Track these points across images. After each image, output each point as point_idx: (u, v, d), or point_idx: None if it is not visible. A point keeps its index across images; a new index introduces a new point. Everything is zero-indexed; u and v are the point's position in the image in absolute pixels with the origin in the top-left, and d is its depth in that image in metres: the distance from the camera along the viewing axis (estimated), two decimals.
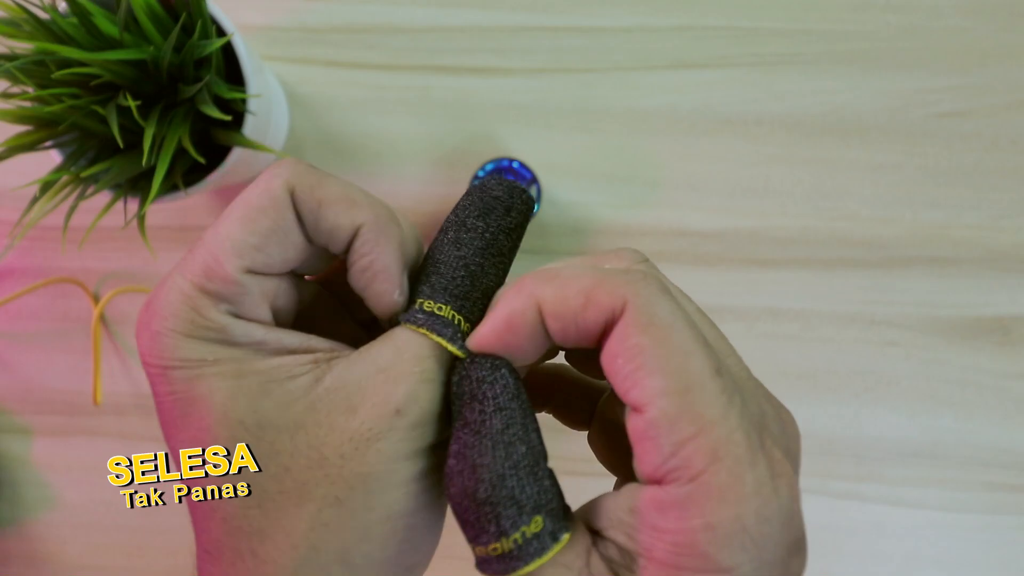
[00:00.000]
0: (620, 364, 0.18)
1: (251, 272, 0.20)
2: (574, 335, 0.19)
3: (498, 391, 0.20)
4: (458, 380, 0.20)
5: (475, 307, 0.21)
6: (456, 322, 0.21)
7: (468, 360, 0.21)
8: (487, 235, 0.22)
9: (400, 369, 0.20)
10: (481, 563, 0.20)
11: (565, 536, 0.19)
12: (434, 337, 0.21)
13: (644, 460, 0.18)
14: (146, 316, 0.20)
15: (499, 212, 0.22)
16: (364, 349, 0.21)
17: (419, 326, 0.21)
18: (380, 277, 0.21)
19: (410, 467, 0.20)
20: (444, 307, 0.21)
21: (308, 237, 0.21)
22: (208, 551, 0.20)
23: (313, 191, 0.21)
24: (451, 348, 0.21)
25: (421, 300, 0.21)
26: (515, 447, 0.19)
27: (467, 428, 0.19)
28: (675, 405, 0.17)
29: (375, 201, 0.22)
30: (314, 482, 0.19)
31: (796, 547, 0.18)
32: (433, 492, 0.21)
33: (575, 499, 0.22)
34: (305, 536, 0.19)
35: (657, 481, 0.17)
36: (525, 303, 0.20)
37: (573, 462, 0.50)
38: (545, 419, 0.25)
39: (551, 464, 0.21)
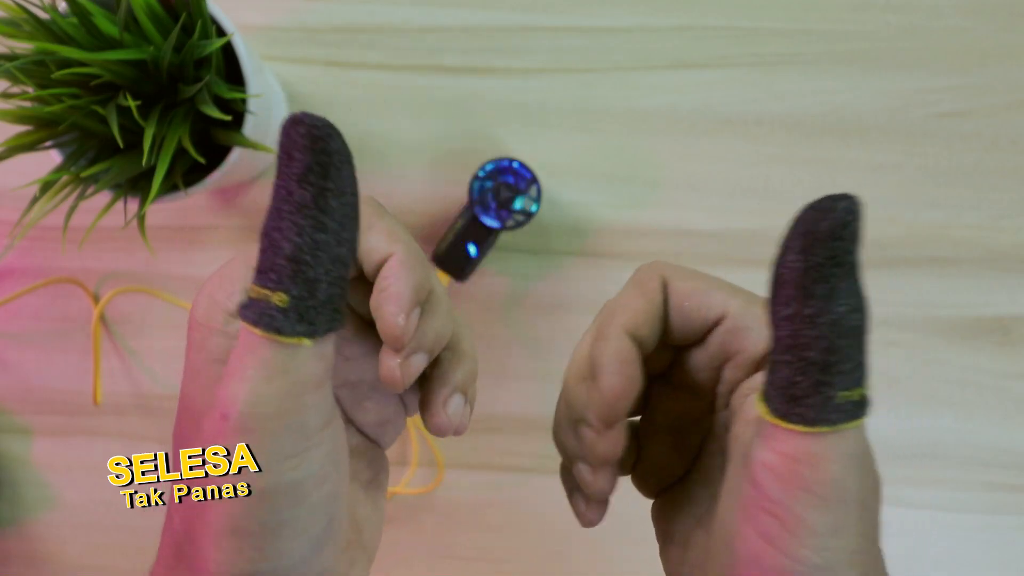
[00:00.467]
0: (686, 305, 0.23)
1: None
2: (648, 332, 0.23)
3: None
4: None
5: (282, 276, 0.19)
6: (263, 298, 0.19)
7: None
8: (280, 192, 0.19)
9: (229, 369, 0.20)
10: (844, 411, 0.19)
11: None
12: (248, 327, 0.19)
13: (746, 342, 0.23)
14: (210, 282, 0.22)
15: (283, 160, 0.19)
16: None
17: (239, 314, 0.20)
18: (392, 300, 0.22)
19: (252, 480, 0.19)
20: (253, 287, 0.19)
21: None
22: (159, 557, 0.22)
23: (369, 216, 0.22)
24: (257, 332, 0.19)
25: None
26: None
27: (860, 282, 0.19)
28: (744, 299, 0.23)
29: (412, 241, 0.23)
30: (175, 518, 0.21)
31: None
32: (291, 514, 0.20)
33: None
34: (182, 534, 0.21)
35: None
36: (619, 337, 0.23)
37: None
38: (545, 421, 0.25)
39: (557, 464, 0.22)
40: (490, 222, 0.45)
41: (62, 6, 0.36)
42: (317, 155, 0.19)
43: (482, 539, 0.51)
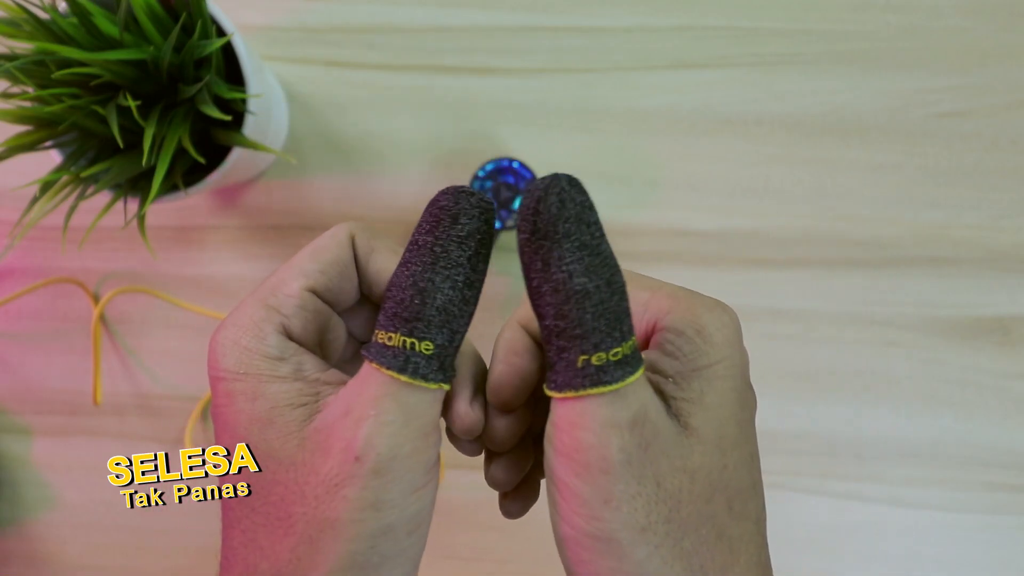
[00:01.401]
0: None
1: (312, 291, 0.22)
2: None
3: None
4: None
5: (431, 325, 0.20)
6: (408, 346, 0.20)
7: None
8: (436, 248, 0.21)
9: (358, 412, 0.20)
10: (587, 376, 0.19)
11: (641, 367, 0.20)
12: (385, 371, 0.20)
13: (662, 321, 0.22)
14: (228, 331, 0.22)
15: (446, 222, 0.21)
16: (346, 386, 0.22)
17: (371, 360, 0.21)
18: None
19: (376, 519, 0.20)
20: (394, 335, 0.20)
21: (360, 282, 0.24)
22: (227, 557, 0.22)
23: (369, 240, 0.23)
24: (403, 378, 0.20)
25: (376, 331, 0.21)
26: (620, 271, 0.20)
27: (581, 249, 0.19)
28: (633, 285, 0.22)
29: None
30: (297, 516, 0.20)
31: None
32: (402, 547, 0.21)
33: None
34: (285, 564, 0.20)
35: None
36: (512, 331, 0.23)
37: None
38: None
39: None
40: None
41: (62, 6, 0.36)
42: (482, 224, 0.21)
43: (482, 539, 0.51)
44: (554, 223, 0.19)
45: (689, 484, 0.20)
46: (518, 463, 0.25)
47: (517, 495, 0.26)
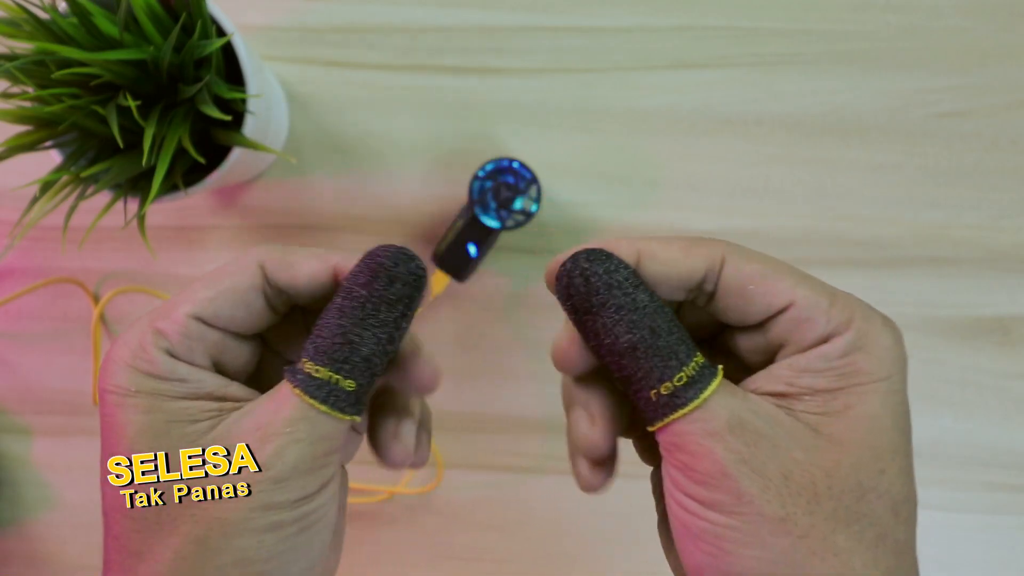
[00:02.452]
0: (751, 289, 0.22)
1: (198, 319, 0.23)
2: (675, 279, 0.23)
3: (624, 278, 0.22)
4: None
5: (355, 369, 0.22)
6: (334, 381, 0.22)
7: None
8: (368, 306, 0.22)
9: (273, 429, 0.22)
10: (663, 405, 0.21)
11: (719, 367, 0.22)
12: (307, 399, 0.22)
13: (806, 332, 0.22)
14: (119, 351, 0.23)
15: (382, 282, 0.23)
16: (255, 402, 0.23)
17: (295, 386, 0.22)
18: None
19: (267, 517, 0.22)
20: (322, 369, 0.22)
21: (274, 305, 0.25)
22: (106, 562, 0.23)
23: (284, 257, 0.24)
24: (322, 408, 0.22)
25: (304, 359, 0.23)
26: (666, 310, 0.22)
27: (618, 311, 0.22)
28: (811, 288, 0.22)
29: (338, 251, 0.25)
30: (183, 519, 0.22)
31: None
32: (293, 544, 0.22)
33: (579, 498, 0.23)
34: (168, 566, 0.21)
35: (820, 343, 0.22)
36: (628, 249, 0.23)
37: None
38: (554, 422, 0.25)
39: (557, 464, 0.23)
40: (490, 222, 0.45)
41: (62, 6, 0.36)
42: (412, 290, 0.23)
43: (482, 539, 0.51)
44: (587, 299, 0.22)
45: (825, 479, 0.20)
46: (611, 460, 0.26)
47: (606, 469, 0.26)
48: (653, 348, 0.21)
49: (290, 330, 0.27)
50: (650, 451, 0.26)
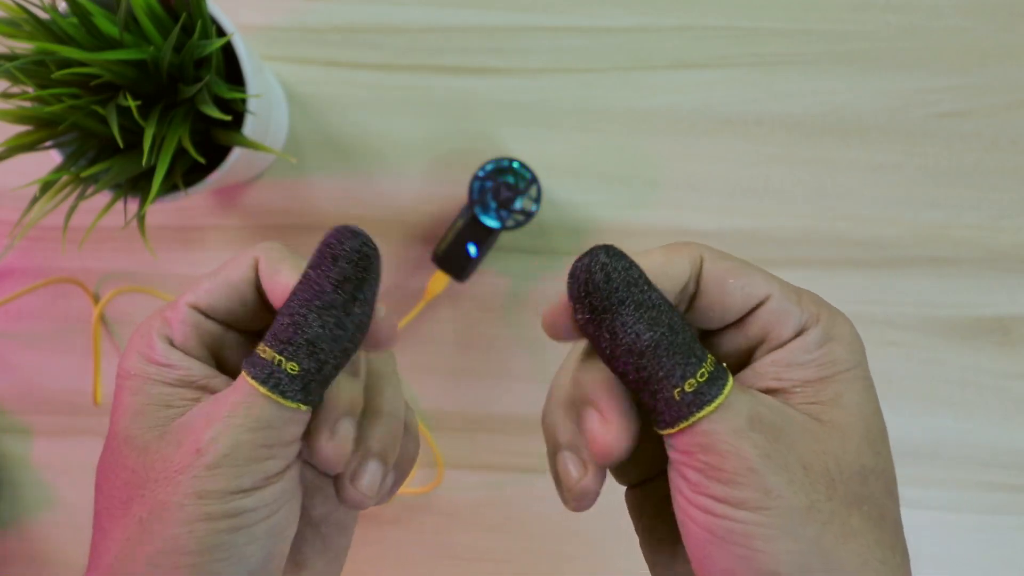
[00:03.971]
0: (731, 283, 0.22)
1: (195, 308, 0.24)
2: (666, 285, 0.22)
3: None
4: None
5: (299, 351, 0.21)
6: (276, 362, 0.21)
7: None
8: (314, 286, 0.22)
9: (216, 412, 0.22)
10: (689, 404, 0.21)
11: (729, 374, 0.22)
12: (249, 379, 0.22)
13: (785, 325, 0.22)
14: (134, 342, 0.24)
15: (327, 262, 0.22)
16: (222, 391, 0.23)
17: (244, 367, 0.22)
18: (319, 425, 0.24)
19: (199, 506, 0.21)
20: (268, 350, 0.22)
21: (267, 303, 0.24)
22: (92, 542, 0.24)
23: (275, 262, 0.24)
24: (262, 389, 0.21)
25: (259, 343, 0.22)
26: (676, 309, 0.22)
27: (637, 309, 0.21)
28: (779, 283, 0.23)
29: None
30: (135, 499, 0.22)
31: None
32: (223, 541, 0.21)
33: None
34: (120, 545, 0.22)
35: (796, 336, 0.22)
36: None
37: None
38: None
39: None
40: (490, 222, 0.45)
41: (62, 6, 0.36)
42: (359, 270, 0.22)
43: (482, 539, 0.51)
44: (607, 297, 0.21)
45: (836, 465, 0.21)
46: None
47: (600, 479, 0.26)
48: (674, 345, 0.21)
49: None
50: (630, 466, 0.26)
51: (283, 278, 0.23)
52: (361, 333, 0.23)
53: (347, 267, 0.22)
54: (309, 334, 0.21)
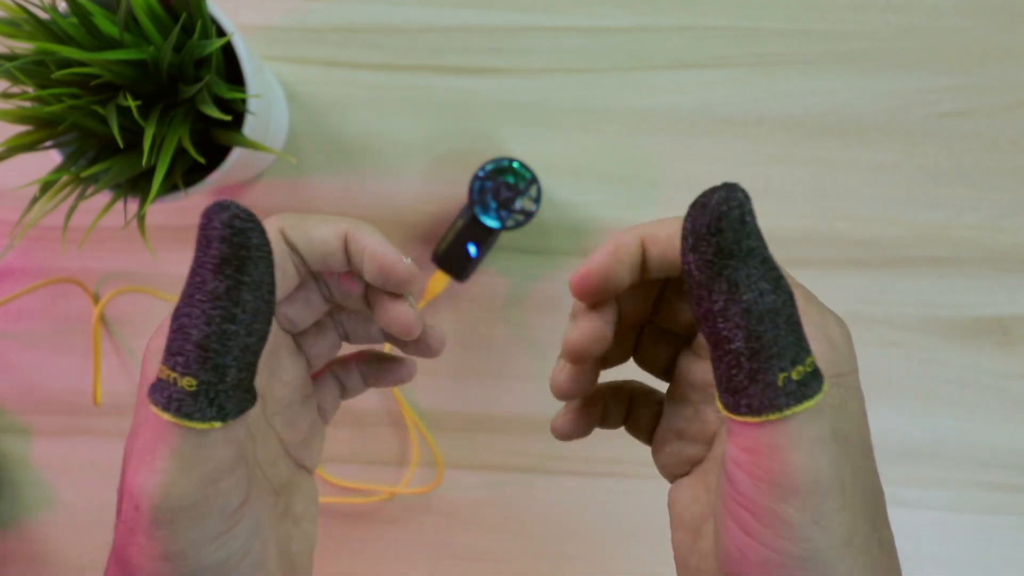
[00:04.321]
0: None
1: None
2: (671, 257, 0.22)
3: None
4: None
5: (190, 361, 0.18)
6: (172, 380, 0.18)
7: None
8: (194, 278, 0.19)
9: (136, 453, 0.19)
10: (789, 394, 0.18)
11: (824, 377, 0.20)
12: (153, 407, 0.19)
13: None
14: (154, 341, 0.22)
15: (203, 245, 0.19)
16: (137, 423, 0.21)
17: (147, 396, 0.19)
18: (380, 254, 0.23)
19: (172, 569, 0.19)
20: (163, 368, 0.19)
21: (301, 269, 0.24)
22: None
23: (299, 223, 0.24)
24: (166, 416, 0.18)
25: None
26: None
27: (764, 263, 0.19)
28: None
29: (351, 218, 0.25)
30: (118, 552, 0.20)
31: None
32: None
33: (579, 498, 0.22)
34: None
35: None
36: (629, 238, 0.22)
37: (574, 462, 0.50)
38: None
39: (557, 464, 0.22)
40: (490, 222, 0.45)
41: (62, 6, 0.36)
42: (236, 248, 0.18)
43: (482, 539, 0.51)
44: (739, 240, 0.18)
45: (858, 488, 0.19)
46: (587, 372, 0.25)
47: (578, 420, 0.27)
48: (793, 320, 0.18)
49: (318, 335, 0.27)
50: (667, 463, 0.26)
51: (319, 231, 0.24)
52: (260, 323, 0.19)
53: (222, 247, 0.18)
54: (196, 337, 0.18)
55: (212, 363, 0.18)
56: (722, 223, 0.18)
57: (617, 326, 0.24)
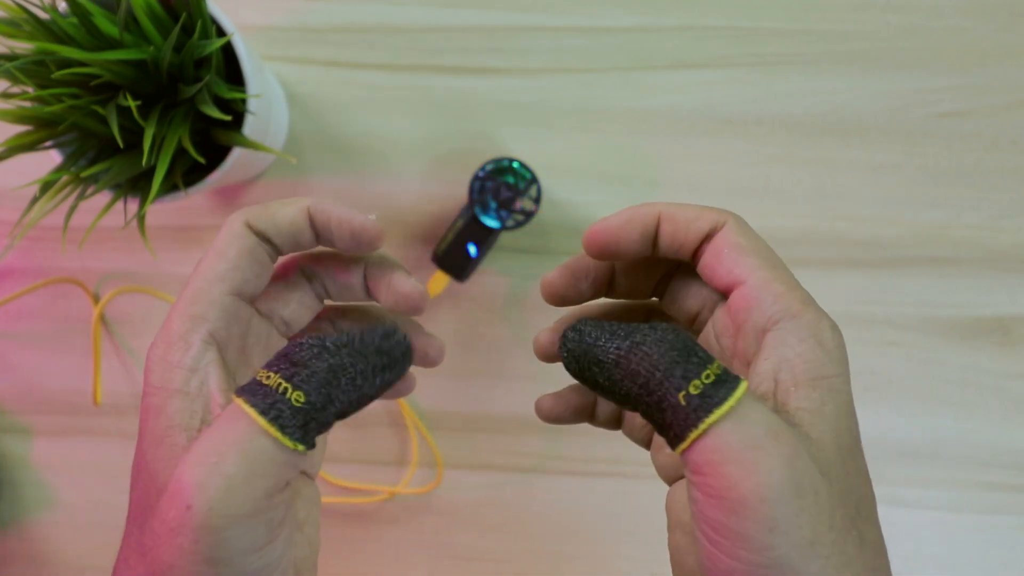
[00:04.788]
0: (725, 253, 0.23)
1: (235, 295, 0.23)
2: (681, 238, 0.24)
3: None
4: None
5: (312, 378, 0.19)
6: (281, 390, 0.19)
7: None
8: (357, 345, 0.21)
9: (203, 451, 0.19)
10: (696, 408, 0.19)
11: (741, 380, 0.21)
12: (246, 407, 0.19)
13: (759, 312, 0.22)
14: (156, 347, 0.22)
15: (381, 355, 0.22)
16: (211, 426, 0.20)
17: (239, 394, 0.20)
18: (346, 218, 0.24)
19: (213, 574, 0.18)
20: (273, 375, 0.19)
21: (274, 256, 0.24)
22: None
23: (262, 211, 0.24)
24: (261, 421, 0.19)
25: (260, 368, 0.21)
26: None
27: (612, 338, 0.21)
28: (769, 273, 0.22)
29: (308, 196, 0.25)
30: (149, 549, 0.19)
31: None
32: None
33: (579, 498, 0.22)
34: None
35: (769, 328, 0.22)
36: (648, 210, 0.24)
37: (574, 462, 0.50)
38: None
39: (557, 464, 0.22)
40: (490, 222, 0.45)
41: (62, 6, 0.36)
42: (403, 366, 0.23)
43: (482, 539, 0.51)
44: (582, 363, 0.22)
45: (827, 487, 0.19)
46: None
47: (557, 402, 0.28)
48: (664, 342, 0.20)
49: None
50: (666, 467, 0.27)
51: (283, 213, 0.23)
52: (367, 399, 0.22)
53: (395, 366, 0.22)
54: (333, 363, 0.20)
55: (328, 393, 0.20)
56: (569, 357, 0.22)
57: (618, 315, 0.27)
